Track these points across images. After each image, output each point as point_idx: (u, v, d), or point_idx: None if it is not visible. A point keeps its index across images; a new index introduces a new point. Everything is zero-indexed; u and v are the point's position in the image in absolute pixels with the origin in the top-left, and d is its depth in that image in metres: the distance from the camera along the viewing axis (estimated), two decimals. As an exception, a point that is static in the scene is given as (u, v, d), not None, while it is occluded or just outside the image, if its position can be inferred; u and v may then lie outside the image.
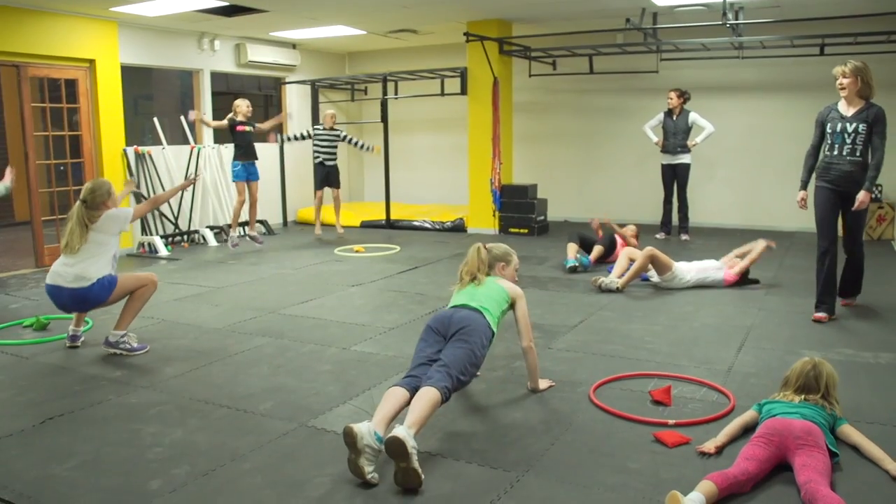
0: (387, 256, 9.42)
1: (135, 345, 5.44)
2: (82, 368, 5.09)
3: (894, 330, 5.78)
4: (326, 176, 10.86)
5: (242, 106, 10.00)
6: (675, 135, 10.30)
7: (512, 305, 4.37)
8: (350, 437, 3.32)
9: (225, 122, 9.96)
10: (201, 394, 4.54)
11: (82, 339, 5.69)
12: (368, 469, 3.32)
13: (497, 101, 11.14)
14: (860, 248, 6.30)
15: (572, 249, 8.27)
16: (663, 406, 4.26)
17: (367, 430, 3.36)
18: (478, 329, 4.02)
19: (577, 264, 8.14)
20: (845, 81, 5.89)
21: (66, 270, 5.22)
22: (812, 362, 3.84)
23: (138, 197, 10.15)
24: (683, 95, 10.34)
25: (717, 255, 9.09)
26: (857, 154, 5.92)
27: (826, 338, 5.57)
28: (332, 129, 10.80)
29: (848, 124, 5.92)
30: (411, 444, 3.28)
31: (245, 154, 9.95)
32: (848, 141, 5.92)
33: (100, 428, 4.01)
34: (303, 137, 10.98)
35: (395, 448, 3.26)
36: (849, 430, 3.70)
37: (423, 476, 3.28)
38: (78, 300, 5.30)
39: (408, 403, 3.62)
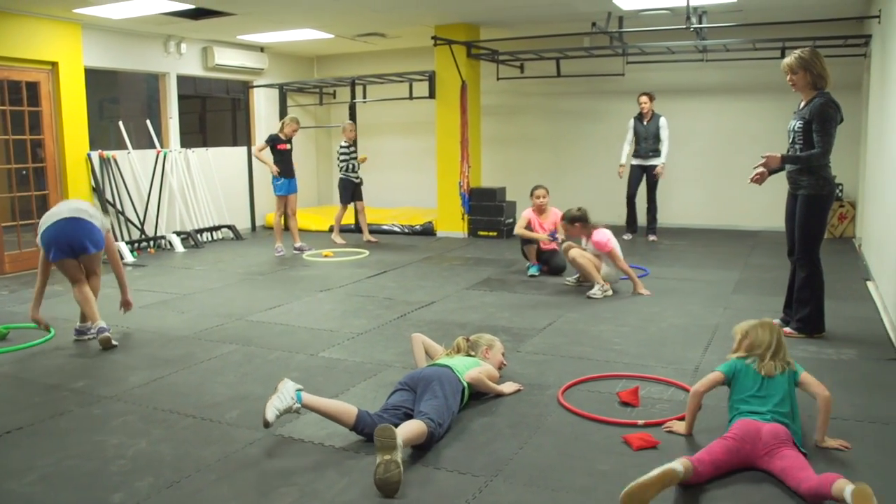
0: (355, 261, 9.38)
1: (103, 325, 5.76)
2: (43, 379, 5.01)
3: (857, 327, 5.84)
4: (355, 190, 10.85)
5: (293, 125, 10.15)
6: (647, 139, 10.33)
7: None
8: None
9: (264, 143, 10.17)
10: (166, 403, 4.49)
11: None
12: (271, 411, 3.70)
13: (465, 104, 11.15)
14: (806, 263, 5.67)
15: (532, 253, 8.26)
16: (631, 407, 4.27)
17: (293, 387, 3.84)
18: (446, 380, 4.05)
19: (538, 273, 8.13)
20: (793, 77, 5.54)
21: (62, 207, 5.75)
22: (768, 324, 3.88)
23: (104, 204, 10.04)
24: (654, 99, 10.40)
25: (685, 256, 9.16)
26: (798, 153, 5.50)
27: (790, 336, 5.61)
28: (355, 142, 10.83)
29: (792, 122, 5.63)
30: (400, 440, 3.39)
31: (288, 171, 10.08)
32: (790, 139, 5.63)
33: (60, 441, 3.95)
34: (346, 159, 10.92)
35: (384, 435, 3.34)
36: (808, 379, 3.75)
37: (402, 473, 3.30)
38: (79, 232, 5.70)
39: None
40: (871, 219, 8.03)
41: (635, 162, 10.50)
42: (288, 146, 10.08)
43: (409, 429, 3.57)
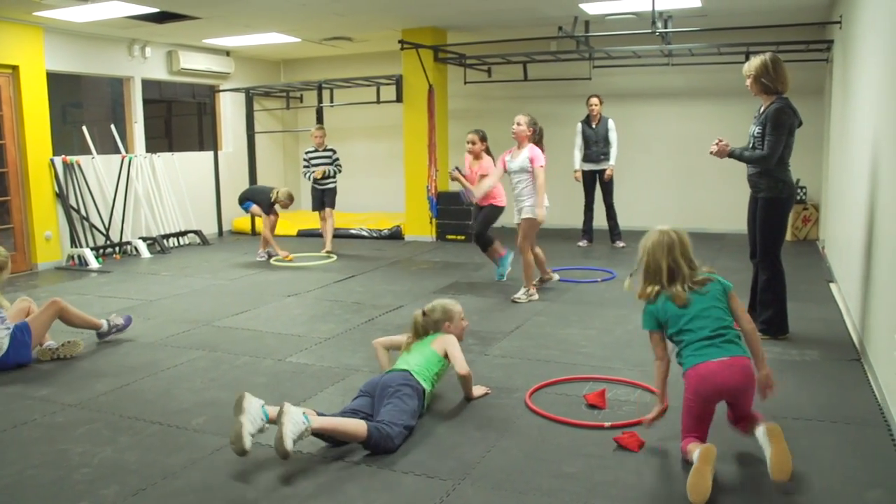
0: (323, 266, 9.35)
1: (121, 321, 6.10)
2: (5, 388, 4.94)
3: (820, 328, 5.92)
4: (322, 197, 10.48)
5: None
6: (597, 142, 10.20)
7: (445, 355, 4.43)
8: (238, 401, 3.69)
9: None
10: (132, 410, 4.45)
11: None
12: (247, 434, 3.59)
13: (432, 108, 11.16)
14: (767, 265, 5.68)
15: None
16: (598, 409, 4.30)
17: (259, 403, 3.78)
18: (404, 384, 4.06)
19: (504, 278, 8.10)
20: (749, 82, 5.71)
21: None
22: (666, 232, 3.82)
23: (67, 209, 9.94)
24: (603, 102, 10.30)
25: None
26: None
27: (756, 340, 5.67)
28: (325, 149, 10.43)
29: (752, 126, 5.78)
30: (293, 416, 3.61)
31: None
32: (750, 144, 5.76)
33: (23, 450, 3.90)
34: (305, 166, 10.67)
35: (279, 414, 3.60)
36: (736, 305, 3.70)
37: (288, 448, 3.48)
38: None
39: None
40: (834, 221, 8.14)
41: (587, 167, 10.37)
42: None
43: (330, 422, 3.76)
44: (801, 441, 3.78)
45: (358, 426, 3.72)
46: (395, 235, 11.72)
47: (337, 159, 10.38)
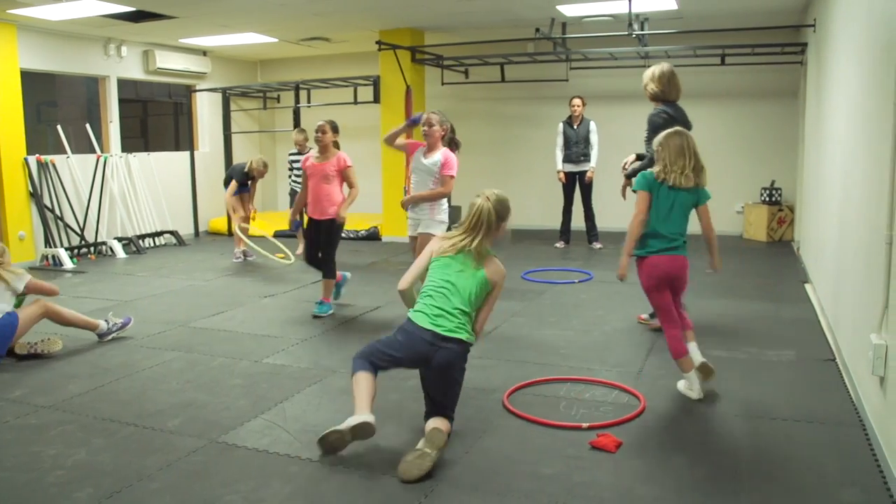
0: (296, 267, 9.30)
1: (119, 321, 6.12)
2: (-20, 388, 4.89)
3: (795, 329, 5.96)
4: None
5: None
6: (578, 143, 10.20)
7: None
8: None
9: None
10: (106, 412, 4.41)
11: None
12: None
13: (410, 109, 11.14)
14: None
15: None
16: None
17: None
18: (463, 363, 3.91)
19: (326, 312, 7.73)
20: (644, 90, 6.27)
21: None
22: (682, 133, 4.87)
23: (41, 209, 9.85)
24: (586, 103, 10.29)
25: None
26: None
27: (731, 337, 5.72)
28: (308, 151, 10.12)
29: None
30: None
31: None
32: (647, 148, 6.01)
33: (-3, 451, 3.86)
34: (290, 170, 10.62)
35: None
36: (705, 213, 4.94)
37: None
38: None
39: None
40: (809, 223, 8.20)
41: (567, 168, 10.35)
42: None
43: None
44: (777, 441, 3.81)
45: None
46: (373, 236, 11.71)
47: None
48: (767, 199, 10.63)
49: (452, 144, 6.37)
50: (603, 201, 10.78)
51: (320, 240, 6.83)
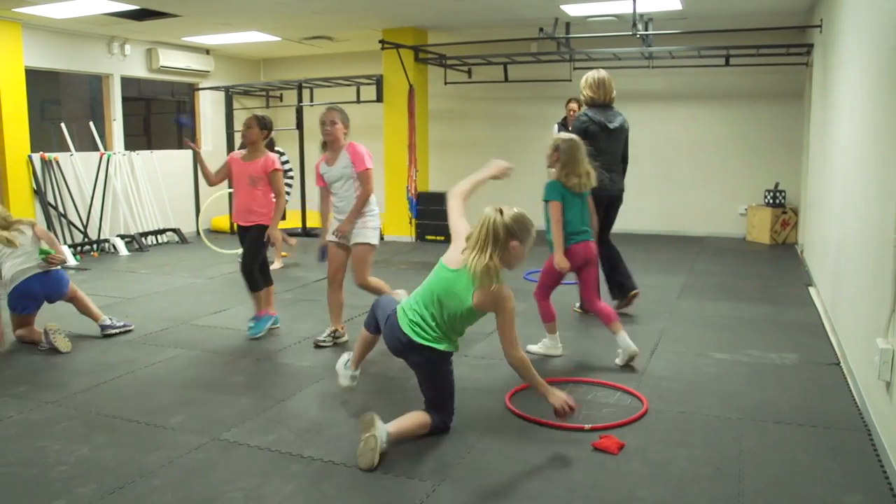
0: (301, 265, 9.30)
1: (121, 323, 6.16)
2: (-18, 384, 4.89)
3: (799, 332, 5.95)
4: None
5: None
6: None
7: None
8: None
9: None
10: (110, 408, 4.41)
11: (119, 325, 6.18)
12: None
13: (413, 108, 11.14)
14: (600, 246, 6.21)
15: None
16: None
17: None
18: (437, 371, 3.90)
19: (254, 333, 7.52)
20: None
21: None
22: (575, 141, 5.33)
23: (44, 206, 9.85)
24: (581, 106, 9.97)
25: (630, 261, 9.26)
26: None
27: (734, 340, 5.71)
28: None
29: None
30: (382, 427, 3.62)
31: None
32: None
33: None
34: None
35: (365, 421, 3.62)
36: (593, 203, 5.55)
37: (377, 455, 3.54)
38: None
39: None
40: (813, 225, 8.19)
41: None
42: None
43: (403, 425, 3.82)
44: (781, 445, 3.80)
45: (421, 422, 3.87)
46: (375, 236, 11.69)
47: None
48: (771, 201, 10.62)
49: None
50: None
51: (244, 249, 6.15)
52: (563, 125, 9.97)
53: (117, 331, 6.08)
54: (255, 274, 6.09)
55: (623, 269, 6.74)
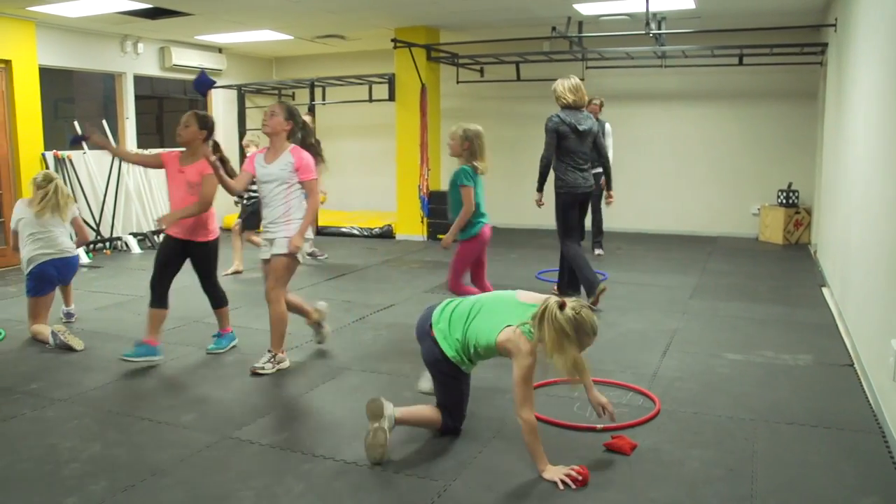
0: (312, 264, 9.30)
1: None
2: (-4, 381, 4.91)
3: (812, 333, 5.92)
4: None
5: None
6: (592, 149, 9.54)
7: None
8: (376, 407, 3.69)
9: None
10: (121, 406, 4.42)
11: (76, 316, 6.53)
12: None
13: (425, 107, 11.14)
14: (560, 244, 7.05)
15: None
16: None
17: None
18: (442, 368, 3.86)
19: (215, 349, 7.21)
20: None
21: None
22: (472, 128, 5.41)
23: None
24: (601, 108, 9.46)
25: (643, 261, 9.23)
26: None
27: (747, 341, 5.68)
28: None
29: None
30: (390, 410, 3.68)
31: None
32: None
33: (12, 444, 3.87)
34: None
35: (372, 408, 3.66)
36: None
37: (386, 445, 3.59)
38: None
39: None
40: (827, 225, 8.15)
41: None
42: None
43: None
44: (794, 447, 3.77)
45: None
46: (386, 234, 11.70)
47: None
48: (784, 201, 10.57)
49: (308, 147, 5.29)
50: (615, 202, 10.70)
51: (198, 269, 5.69)
52: None
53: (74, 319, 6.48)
54: (218, 288, 5.76)
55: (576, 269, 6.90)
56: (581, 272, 6.75)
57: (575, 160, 6.84)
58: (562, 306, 3.38)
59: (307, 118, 8.99)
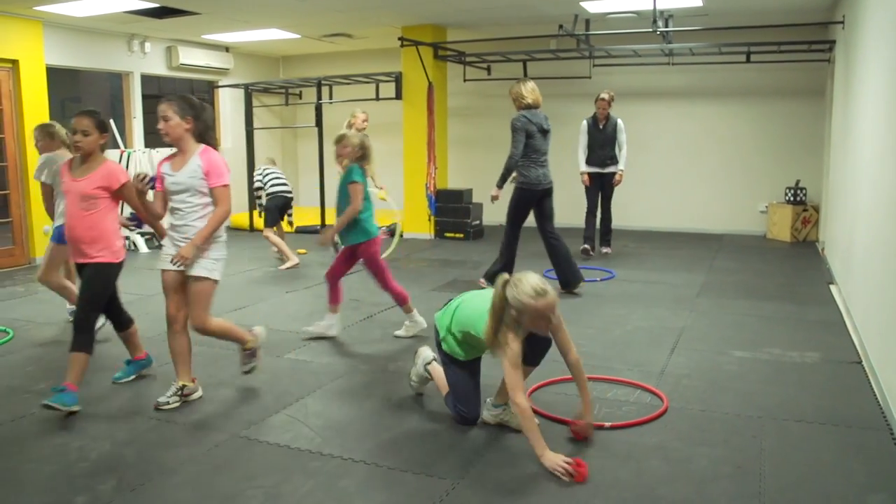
0: (320, 262, 9.31)
1: None
2: (3, 381, 4.93)
3: (820, 330, 5.90)
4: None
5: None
6: (604, 146, 9.38)
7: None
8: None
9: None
10: (130, 405, 4.44)
11: None
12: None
13: (432, 105, 11.14)
14: (504, 233, 7.56)
15: None
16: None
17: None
18: (437, 347, 4.23)
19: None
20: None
21: None
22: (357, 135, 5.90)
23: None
24: (612, 102, 9.39)
25: (650, 259, 9.22)
26: None
27: (755, 338, 5.67)
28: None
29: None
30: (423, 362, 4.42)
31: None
32: None
33: (21, 444, 3.89)
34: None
35: None
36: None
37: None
38: None
39: None
40: (835, 223, 8.12)
41: (591, 170, 9.55)
42: None
43: None
44: (802, 444, 3.77)
45: None
46: (393, 232, 11.69)
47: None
48: (792, 198, 10.54)
49: (208, 141, 4.53)
50: (623, 200, 10.72)
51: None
52: (593, 122, 9.49)
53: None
54: (121, 313, 5.12)
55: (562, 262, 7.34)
56: (502, 258, 7.42)
57: (539, 158, 7.28)
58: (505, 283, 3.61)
59: (361, 116, 8.93)
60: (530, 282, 3.55)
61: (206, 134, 4.48)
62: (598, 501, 3.21)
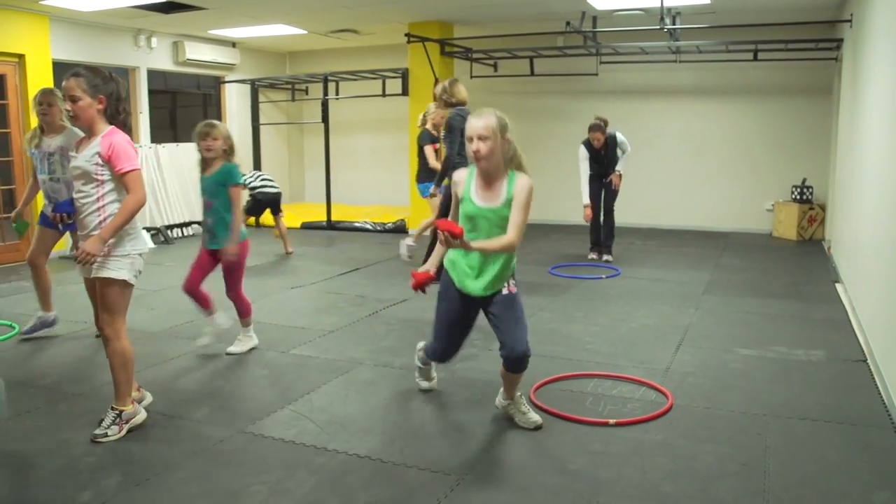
0: (327, 258, 9.32)
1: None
2: (9, 376, 4.91)
3: (826, 328, 5.89)
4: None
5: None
6: (608, 165, 8.90)
7: None
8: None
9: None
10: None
11: None
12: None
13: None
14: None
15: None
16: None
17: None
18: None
19: None
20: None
21: None
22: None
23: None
24: (606, 128, 8.70)
25: (656, 256, 9.20)
26: None
27: (760, 336, 5.67)
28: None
29: None
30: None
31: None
32: None
33: (27, 439, 3.89)
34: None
35: None
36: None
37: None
38: None
39: None
40: (841, 221, 8.11)
41: (594, 172, 9.00)
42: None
43: None
44: (807, 442, 3.77)
45: None
46: (399, 229, 11.70)
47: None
48: (798, 197, 10.53)
49: (118, 122, 4.01)
50: (629, 198, 10.71)
51: None
52: (588, 146, 8.86)
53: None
54: None
55: None
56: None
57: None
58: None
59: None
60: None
61: (116, 114, 3.97)
62: (603, 498, 3.21)
